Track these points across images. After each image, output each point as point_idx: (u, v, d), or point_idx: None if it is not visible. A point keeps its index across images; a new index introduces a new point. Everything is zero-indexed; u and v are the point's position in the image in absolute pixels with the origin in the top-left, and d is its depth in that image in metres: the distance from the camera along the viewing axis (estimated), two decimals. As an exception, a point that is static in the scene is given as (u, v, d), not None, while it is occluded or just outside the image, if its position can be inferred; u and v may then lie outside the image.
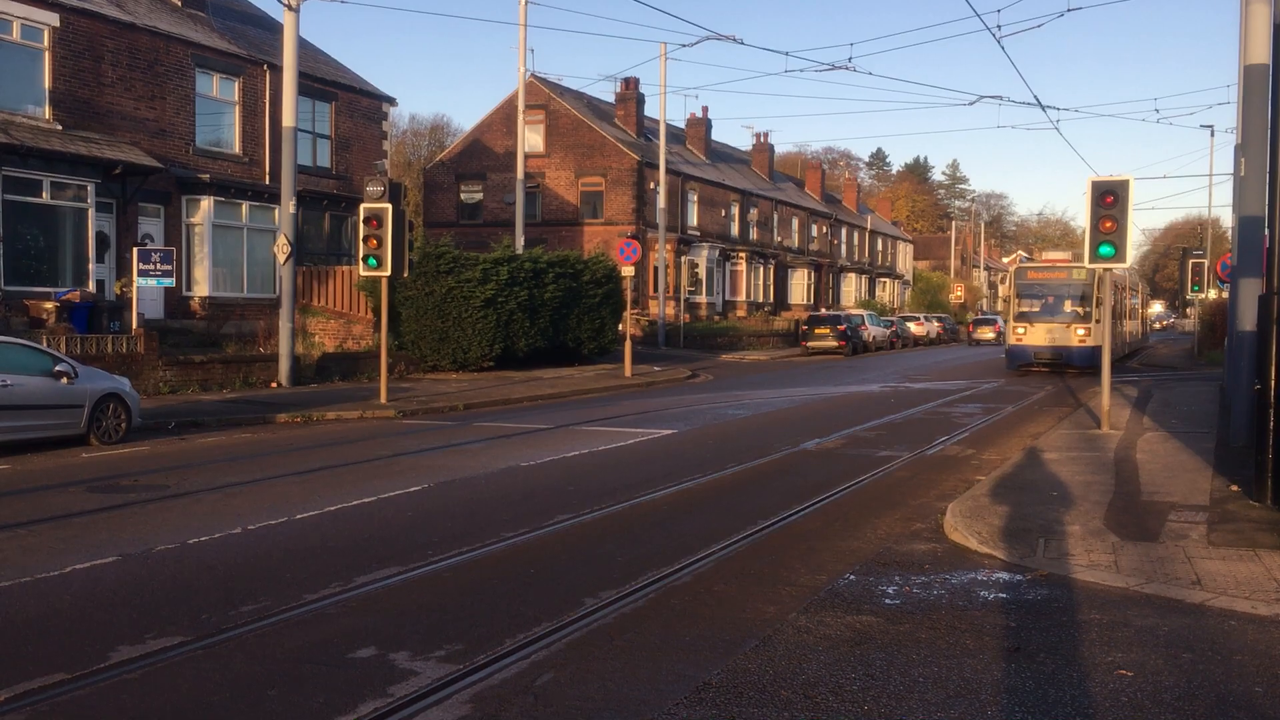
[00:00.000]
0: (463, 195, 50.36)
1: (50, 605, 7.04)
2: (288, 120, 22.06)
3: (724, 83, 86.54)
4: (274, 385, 22.04)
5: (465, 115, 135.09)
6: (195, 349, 23.31)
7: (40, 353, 14.67)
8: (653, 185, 45.25)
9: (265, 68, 28.35)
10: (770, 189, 61.25)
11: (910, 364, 36.96)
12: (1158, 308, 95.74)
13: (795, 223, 63.52)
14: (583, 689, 5.55)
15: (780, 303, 58.36)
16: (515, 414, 19.35)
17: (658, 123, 42.70)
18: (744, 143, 74.19)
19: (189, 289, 26.64)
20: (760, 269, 56.51)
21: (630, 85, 50.89)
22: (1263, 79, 13.19)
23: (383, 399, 19.64)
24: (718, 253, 51.47)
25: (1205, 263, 38.45)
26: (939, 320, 60.34)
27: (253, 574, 7.83)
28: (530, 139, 44.03)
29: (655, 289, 42.96)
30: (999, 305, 73.26)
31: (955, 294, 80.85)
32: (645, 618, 6.81)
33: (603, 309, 31.84)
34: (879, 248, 78.60)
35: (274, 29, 30.04)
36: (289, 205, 22.01)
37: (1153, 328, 69.97)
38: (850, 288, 70.00)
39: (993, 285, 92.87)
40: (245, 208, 27.78)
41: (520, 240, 32.89)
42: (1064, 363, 29.33)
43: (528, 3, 32.56)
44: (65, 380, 14.37)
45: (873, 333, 46.95)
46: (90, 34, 24.23)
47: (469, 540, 8.88)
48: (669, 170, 43.64)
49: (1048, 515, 9.66)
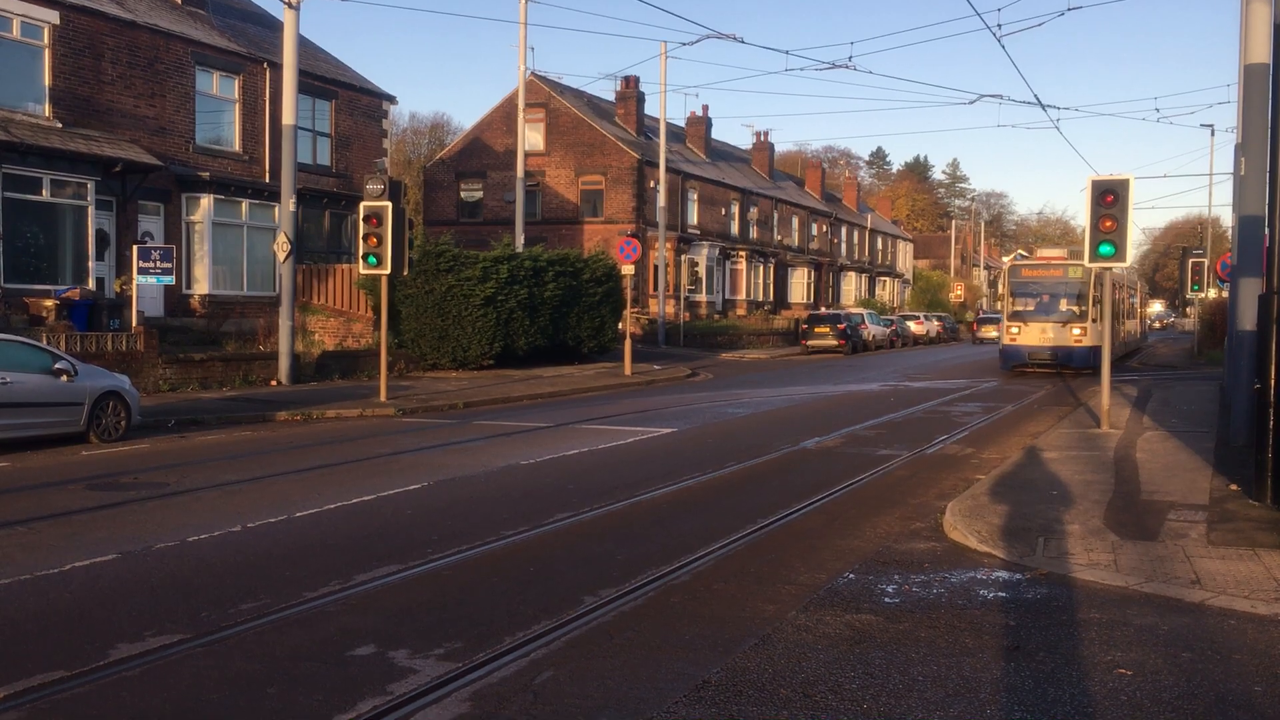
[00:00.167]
0: (463, 193, 50.35)
1: (50, 603, 7.04)
2: (288, 118, 22.04)
3: (724, 81, 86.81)
4: (274, 383, 22.05)
5: (465, 113, 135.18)
6: (195, 347, 23.31)
7: (40, 350, 14.66)
8: (653, 184, 45.24)
9: (265, 65, 28.34)
10: (770, 188, 61.24)
11: (910, 363, 36.96)
12: (1157, 307, 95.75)
13: (795, 222, 63.52)
14: (582, 687, 5.55)
15: (780, 301, 58.35)
16: (515, 412, 19.36)
17: (658, 121, 42.68)
18: (744, 141, 74.32)
19: (189, 287, 26.64)
20: (760, 268, 56.50)
21: (630, 84, 50.84)
22: (1263, 78, 13.19)
23: (382, 397, 19.64)
24: (718, 251, 51.46)
25: (1205, 262, 38.46)
26: (939, 319, 60.32)
27: (252, 572, 7.83)
28: (530, 137, 44.03)
29: (655, 288, 42.96)
30: (996, 304, 73.22)
31: (955, 293, 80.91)
32: (644, 616, 6.81)
33: (602, 307, 31.85)
34: (879, 247, 78.60)
35: (274, 27, 30.04)
36: (289, 203, 22.00)
37: (1152, 327, 69.93)
38: (850, 287, 70.01)
39: (993, 284, 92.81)
40: (245, 205, 27.78)
41: (520, 239, 32.90)
42: (1059, 363, 28.62)
43: (528, 1, 32.58)
44: (65, 378, 14.36)
45: (872, 332, 46.94)
46: (90, 31, 24.22)
47: (468, 538, 8.88)
48: (669, 169, 43.63)
49: (1047, 514, 9.67)
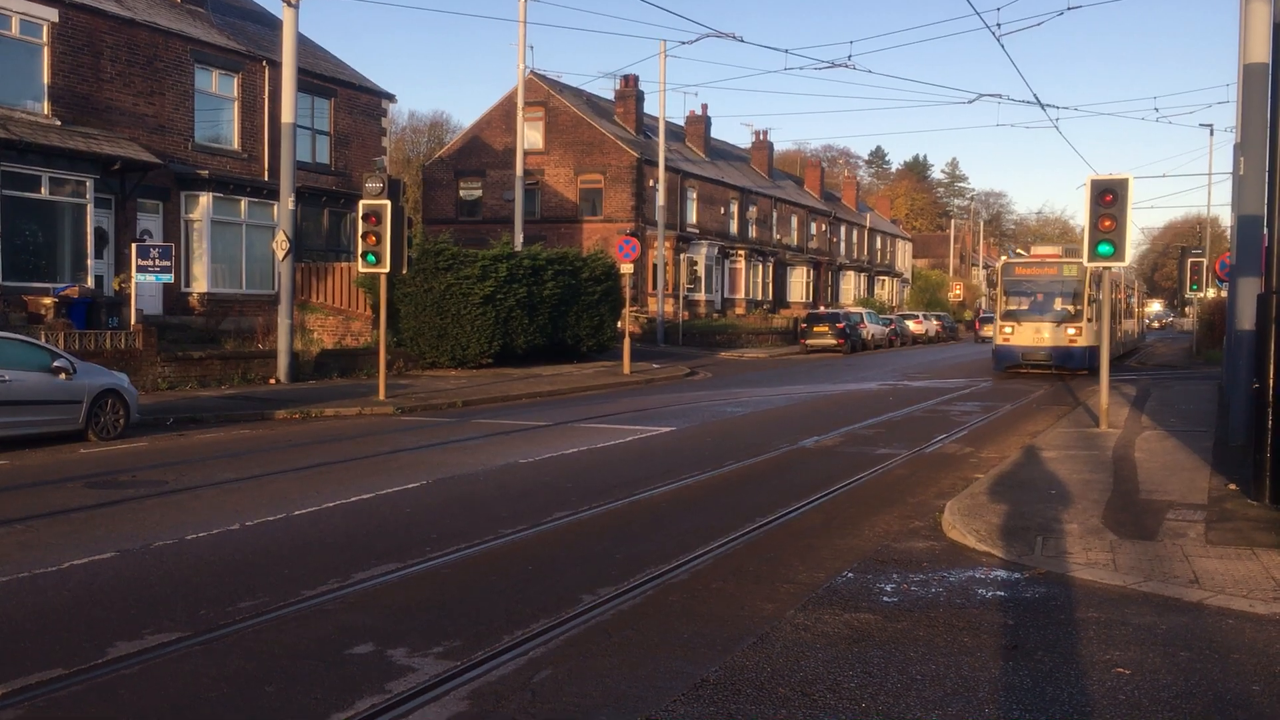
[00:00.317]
0: (462, 192, 50.34)
1: (48, 601, 7.04)
2: (287, 116, 22.02)
3: (723, 80, 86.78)
4: (272, 381, 22.04)
5: (464, 112, 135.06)
6: (194, 345, 23.30)
7: (39, 348, 14.65)
8: (652, 183, 45.22)
9: (264, 64, 28.32)
10: (769, 187, 61.24)
11: (909, 362, 36.97)
12: (1156, 307, 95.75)
13: (794, 221, 63.52)
14: (580, 685, 5.55)
15: (779, 300, 58.35)
16: (514, 411, 19.35)
17: (657, 120, 42.66)
18: (743, 140, 74.15)
19: (188, 285, 26.63)
20: (759, 267, 56.50)
21: (630, 82, 50.81)
22: (1262, 78, 13.20)
23: (381, 395, 19.64)
24: (717, 250, 51.45)
25: (1204, 262, 38.44)
26: (938, 318, 60.33)
27: (250, 570, 7.83)
28: (529, 136, 44.00)
29: (654, 286, 42.94)
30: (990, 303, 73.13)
31: (954, 292, 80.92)
32: (643, 615, 6.81)
33: (601, 306, 31.84)
34: (878, 246, 78.62)
35: (273, 25, 30.01)
36: (288, 201, 21.99)
37: (1150, 326, 69.92)
38: (849, 286, 70.02)
39: (991, 283, 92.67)
40: (244, 204, 27.76)
41: (519, 237, 32.89)
42: (1054, 364, 27.75)
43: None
44: (64, 376, 14.35)
45: (871, 331, 46.95)
46: (89, 29, 24.21)
47: (467, 537, 8.88)
48: (668, 168, 43.61)
49: (1046, 513, 9.67)
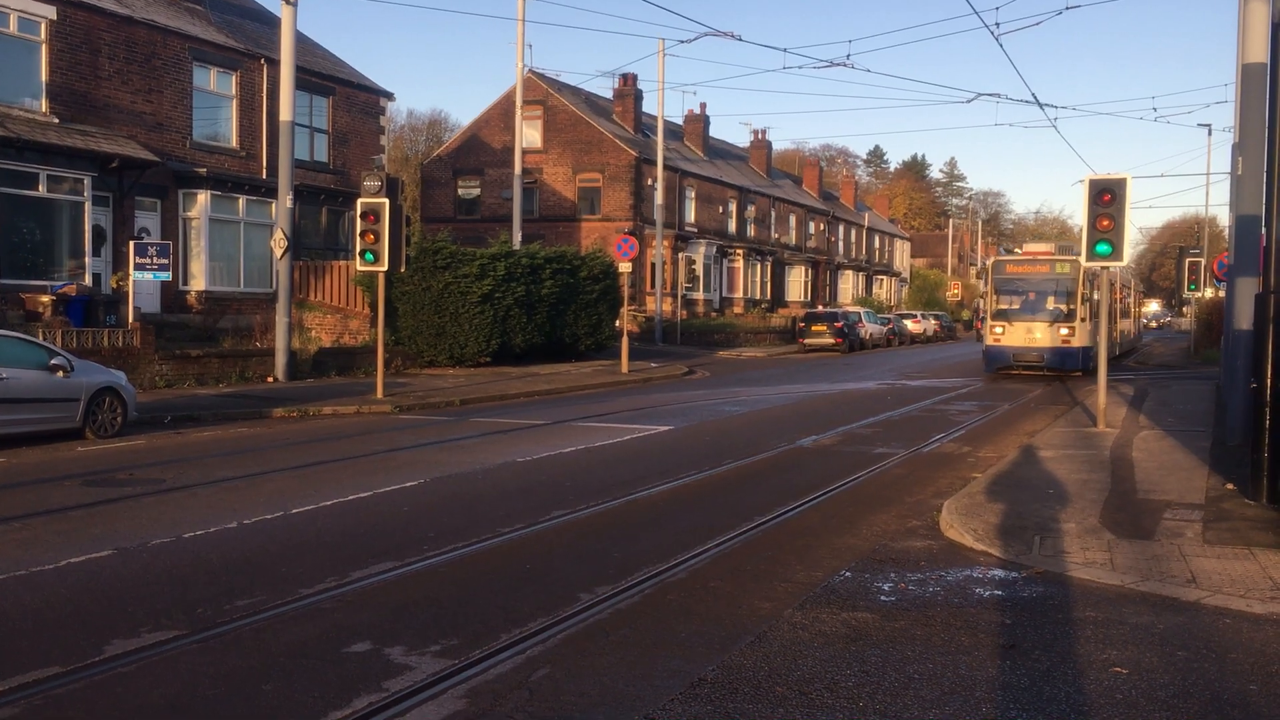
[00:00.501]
0: (460, 191, 50.32)
1: (45, 599, 7.03)
2: (285, 114, 22.00)
3: (722, 79, 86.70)
4: (270, 380, 22.02)
5: (463, 111, 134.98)
6: (192, 343, 23.27)
7: (36, 346, 14.63)
8: (650, 181, 45.22)
9: (263, 62, 28.30)
10: (768, 186, 61.24)
11: (907, 361, 36.98)
12: (1154, 306, 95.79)
13: (793, 220, 63.53)
14: (578, 684, 5.55)
15: (777, 300, 58.36)
16: (512, 409, 19.35)
17: (655, 119, 42.64)
18: (742, 139, 74.20)
19: (185, 283, 26.61)
20: (757, 266, 56.51)
21: (628, 81, 50.81)
22: (1261, 78, 13.21)
23: (379, 394, 19.63)
24: (715, 249, 51.45)
25: (1202, 261, 38.43)
26: (936, 318, 60.34)
27: (248, 568, 7.82)
28: (528, 134, 43.97)
29: (652, 285, 42.92)
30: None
31: (952, 292, 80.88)
32: (641, 613, 6.81)
33: (600, 305, 31.82)
34: (876, 245, 78.63)
35: (271, 23, 29.98)
36: (286, 199, 21.96)
37: (1148, 326, 69.88)
38: (847, 285, 70.03)
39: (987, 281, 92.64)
40: (242, 202, 27.74)
41: (518, 236, 32.85)
42: (1046, 366, 26.76)
43: (526, -2, 32.53)
44: (61, 374, 14.34)
45: (870, 330, 46.96)
46: (88, 27, 24.18)
47: (465, 535, 8.88)
48: (667, 167, 43.60)
49: (1043, 513, 9.67)
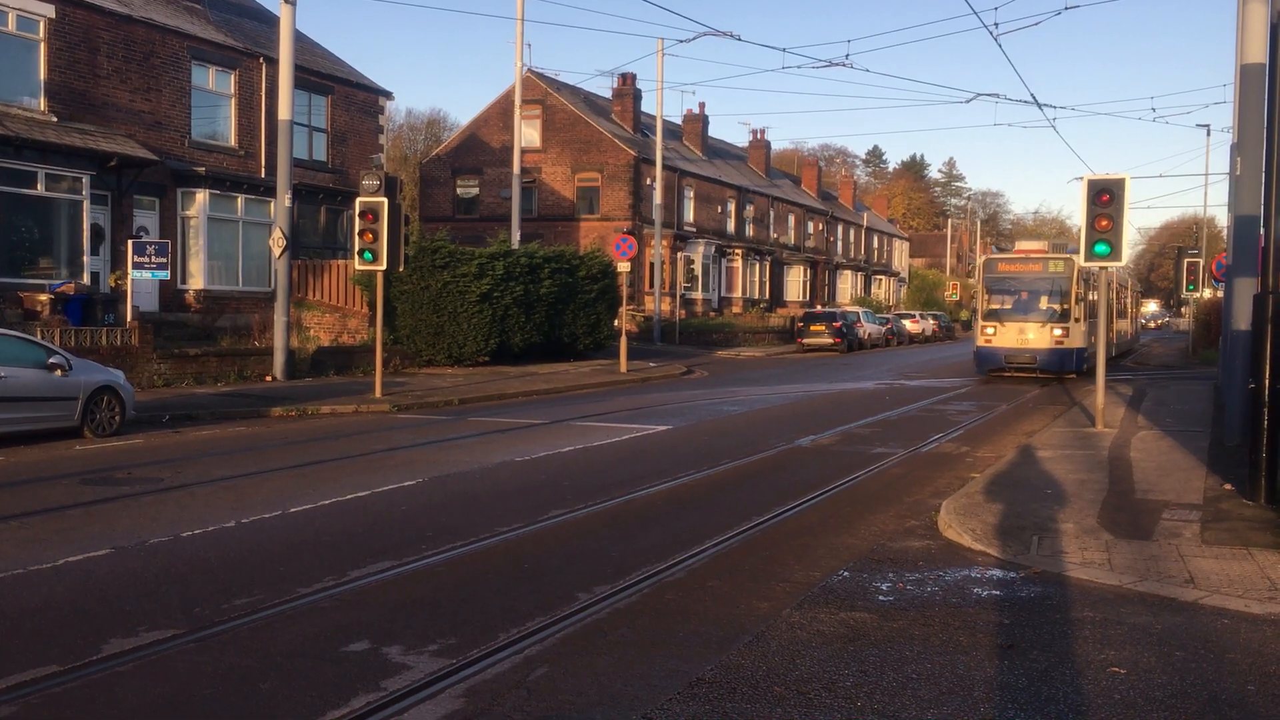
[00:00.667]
0: (459, 190, 50.30)
1: (43, 598, 7.02)
2: (284, 113, 21.98)
3: (721, 79, 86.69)
4: (269, 379, 22.01)
5: (462, 110, 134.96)
6: (190, 342, 23.27)
7: (34, 345, 14.63)
8: (649, 181, 45.21)
9: (261, 60, 28.28)
10: (767, 186, 61.23)
11: (906, 361, 36.99)
12: (1152, 306, 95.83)
13: (791, 219, 63.53)
14: (576, 683, 5.55)
15: (776, 299, 58.36)
16: (510, 409, 19.35)
17: (654, 118, 42.63)
18: (741, 139, 74.20)
19: (184, 282, 26.59)
20: (756, 265, 56.50)
21: (627, 81, 50.79)
22: (1259, 79, 13.22)
23: (378, 393, 19.62)
24: (714, 249, 51.45)
25: (1200, 262, 38.45)
26: (934, 318, 60.37)
27: (246, 567, 7.82)
28: (527, 134, 43.93)
29: (651, 285, 42.91)
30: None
31: (951, 292, 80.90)
32: (638, 613, 6.81)
33: (598, 305, 31.82)
34: (875, 245, 78.63)
35: (270, 22, 29.96)
36: (285, 198, 21.95)
37: (1146, 327, 69.92)
38: (846, 285, 70.03)
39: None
40: (241, 201, 27.72)
41: (516, 235, 32.85)
42: (1039, 367, 25.99)
43: (525, -3, 32.54)
44: (59, 373, 14.33)
45: (868, 330, 46.97)
46: (86, 26, 24.16)
47: (463, 535, 8.88)
48: (665, 166, 43.59)
49: (1042, 513, 9.68)
